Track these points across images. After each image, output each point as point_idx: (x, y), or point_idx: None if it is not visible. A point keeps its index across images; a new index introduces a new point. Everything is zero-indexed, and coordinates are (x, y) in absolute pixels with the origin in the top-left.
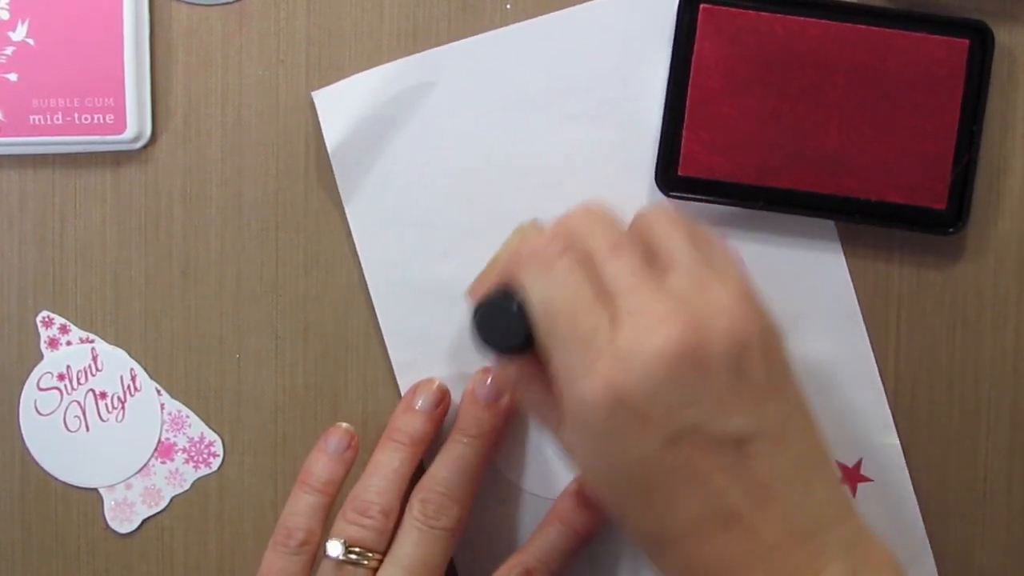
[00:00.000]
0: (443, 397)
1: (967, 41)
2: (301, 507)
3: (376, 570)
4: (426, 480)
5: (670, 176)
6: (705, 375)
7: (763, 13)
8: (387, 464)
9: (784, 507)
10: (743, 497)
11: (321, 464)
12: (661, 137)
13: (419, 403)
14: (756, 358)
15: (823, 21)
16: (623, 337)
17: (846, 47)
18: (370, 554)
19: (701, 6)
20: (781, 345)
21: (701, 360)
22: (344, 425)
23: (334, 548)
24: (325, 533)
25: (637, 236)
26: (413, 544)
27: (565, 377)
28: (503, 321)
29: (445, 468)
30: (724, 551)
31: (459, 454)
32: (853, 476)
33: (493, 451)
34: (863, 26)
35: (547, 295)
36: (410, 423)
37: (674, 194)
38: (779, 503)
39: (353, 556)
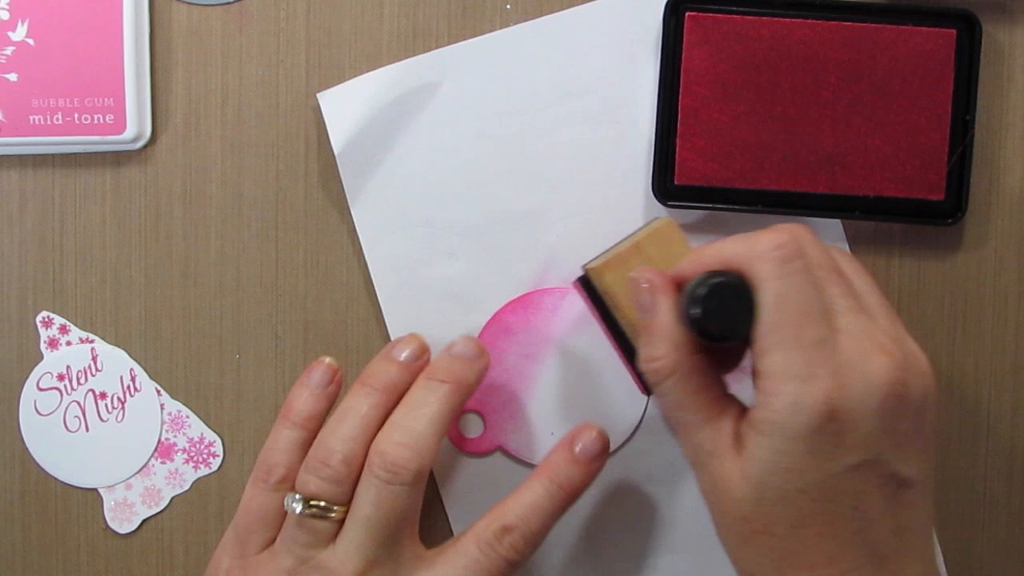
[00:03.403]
0: (424, 353)
1: (954, 31)
2: (282, 443)
3: (343, 521)
4: (386, 429)
5: (667, 185)
6: (902, 412)
7: (749, 17)
8: (355, 410)
9: (913, 553)
10: (889, 534)
11: (303, 399)
12: (655, 147)
13: (402, 355)
14: (931, 412)
15: (809, 21)
16: (846, 353)
17: (834, 45)
18: (335, 507)
19: (687, 14)
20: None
21: (904, 398)
22: (327, 359)
23: (295, 504)
24: None
25: (838, 264)
26: (372, 503)
27: (784, 375)
28: (733, 308)
29: (407, 416)
30: None
31: (423, 399)
32: None
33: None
34: (850, 23)
35: (785, 291)
36: (385, 370)
37: (672, 203)
38: (912, 549)
39: (315, 511)
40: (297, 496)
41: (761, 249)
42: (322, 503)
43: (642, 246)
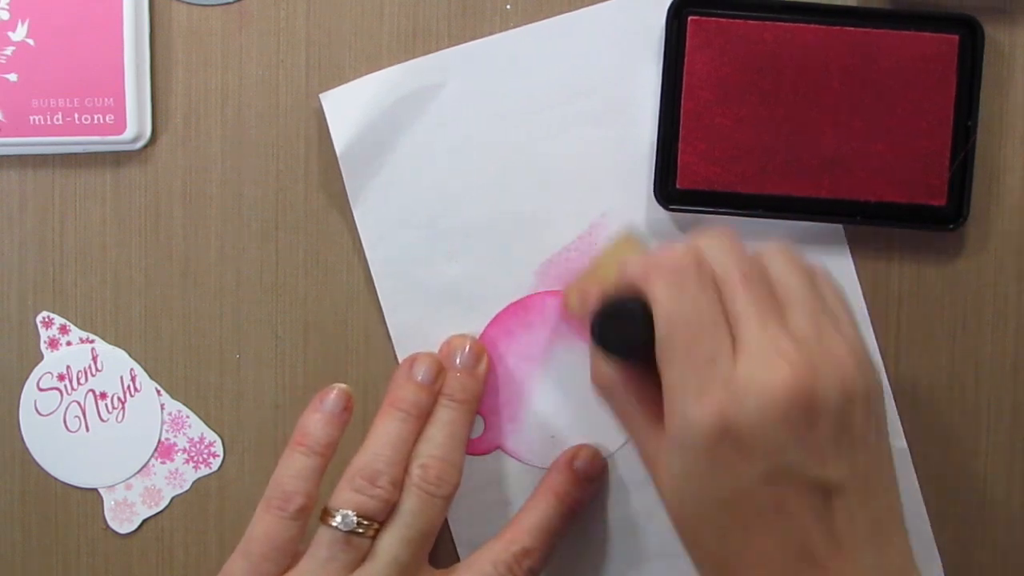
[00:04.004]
0: (441, 371)
1: (956, 36)
2: (299, 469)
3: (373, 539)
4: (423, 446)
5: (669, 189)
6: (812, 420)
7: (751, 21)
8: (396, 434)
9: (857, 561)
10: (822, 542)
11: (319, 425)
12: (657, 151)
13: (420, 375)
14: (859, 412)
15: (812, 25)
16: (742, 368)
17: (836, 50)
18: (376, 524)
19: (689, 18)
20: (881, 402)
21: (812, 405)
22: (341, 385)
23: (345, 520)
24: (320, 498)
25: (759, 269)
26: (413, 513)
27: (677, 393)
28: (627, 326)
29: (440, 433)
30: None
31: (450, 418)
32: None
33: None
34: (852, 28)
35: (676, 308)
36: (415, 393)
37: (674, 207)
38: (854, 556)
39: (364, 528)
40: (350, 513)
41: (655, 267)
42: (366, 521)
43: (600, 263)
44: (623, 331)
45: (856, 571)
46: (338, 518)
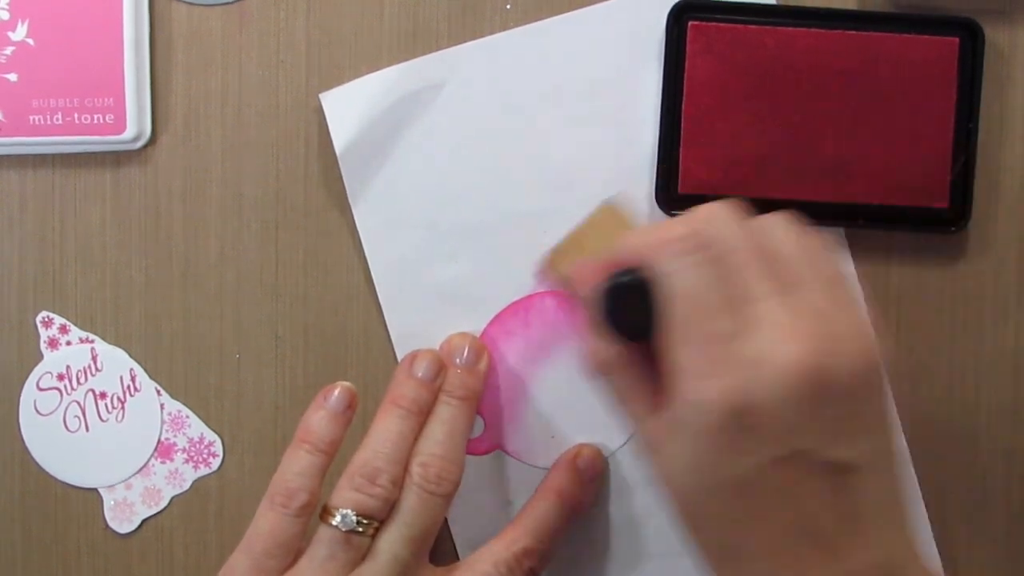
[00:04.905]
0: (442, 368)
1: (956, 39)
2: (304, 467)
3: (372, 537)
4: (423, 443)
5: (670, 194)
6: (826, 400)
7: (752, 26)
8: (397, 431)
9: (869, 539)
10: (835, 523)
11: (323, 423)
12: (659, 155)
13: (420, 372)
14: (872, 392)
15: (812, 30)
16: (755, 345)
17: (837, 54)
18: (376, 523)
19: (690, 23)
20: (885, 382)
21: (826, 384)
22: (345, 383)
23: (345, 519)
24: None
25: (763, 242)
26: (413, 512)
27: (686, 373)
28: (633, 305)
29: (440, 431)
30: (802, 572)
31: (450, 416)
32: None
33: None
34: (852, 32)
35: (685, 285)
36: (415, 390)
37: (676, 212)
38: (866, 535)
39: (364, 527)
40: (350, 512)
41: (662, 242)
42: (366, 520)
43: (584, 234)
44: (629, 310)
45: (866, 551)
46: (338, 517)
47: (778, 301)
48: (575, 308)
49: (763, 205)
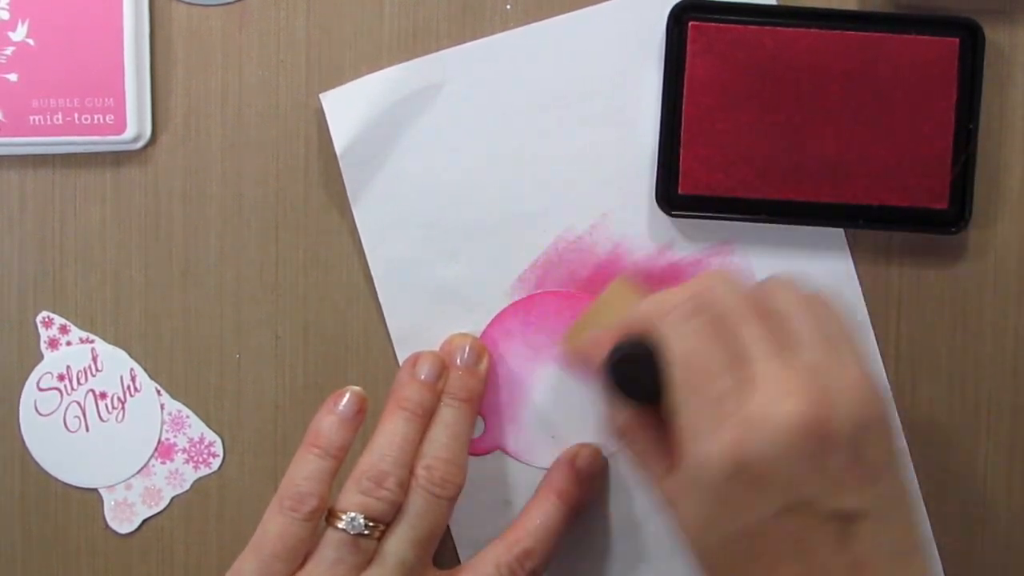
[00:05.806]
0: (445, 370)
1: (957, 39)
2: (313, 471)
3: (379, 540)
4: (427, 447)
5: (671, 195)
6: (827, 451)
7: (752, 26)
8: (402, 434)
9: None
10: (844, 572)
11: (334, 427)
12: (659, 156)
13: (423, 373)
14: (873, 439)
15: (812, 30)
16: (754, 403)
17: (837, 54)
18: (382, 526)
19: (690, 23)
20: (892, 429)
21: (826, 436)
22: (355, 388)
23: (353, 523)
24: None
25: (763, 304)
26: (418, 515)
27: (691, 432)
28: (640, 371)
29: (443, 434)
30: None
31: (453, 418)
32: None
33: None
34: (852, 32)
35: (686, 349)
36: (419, 392)
37: (676, 213)
38: None
39: (371, 530)
40: (358, 515)
41: (665, 308)
42: (373, 523)
43: (598, 310)
44: (637, 376)
45: None
46: (346, 520)
47: (776, 359)
48: (592, 379)
49: (763, 205)
